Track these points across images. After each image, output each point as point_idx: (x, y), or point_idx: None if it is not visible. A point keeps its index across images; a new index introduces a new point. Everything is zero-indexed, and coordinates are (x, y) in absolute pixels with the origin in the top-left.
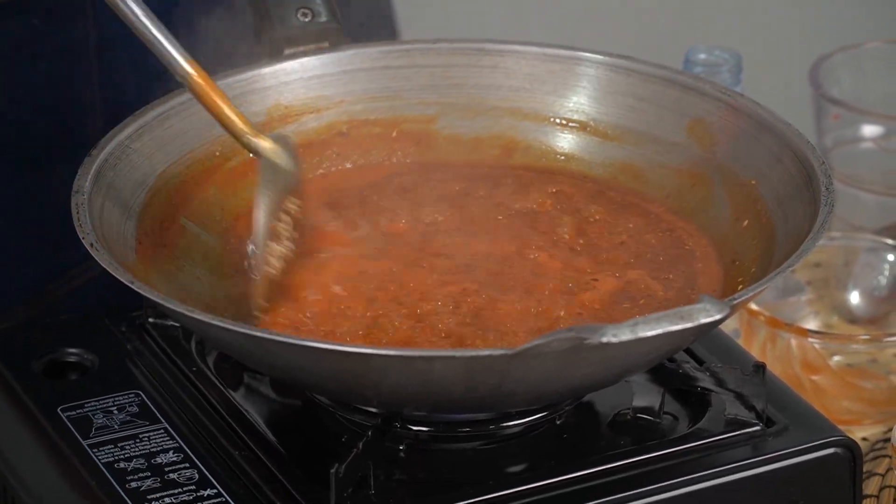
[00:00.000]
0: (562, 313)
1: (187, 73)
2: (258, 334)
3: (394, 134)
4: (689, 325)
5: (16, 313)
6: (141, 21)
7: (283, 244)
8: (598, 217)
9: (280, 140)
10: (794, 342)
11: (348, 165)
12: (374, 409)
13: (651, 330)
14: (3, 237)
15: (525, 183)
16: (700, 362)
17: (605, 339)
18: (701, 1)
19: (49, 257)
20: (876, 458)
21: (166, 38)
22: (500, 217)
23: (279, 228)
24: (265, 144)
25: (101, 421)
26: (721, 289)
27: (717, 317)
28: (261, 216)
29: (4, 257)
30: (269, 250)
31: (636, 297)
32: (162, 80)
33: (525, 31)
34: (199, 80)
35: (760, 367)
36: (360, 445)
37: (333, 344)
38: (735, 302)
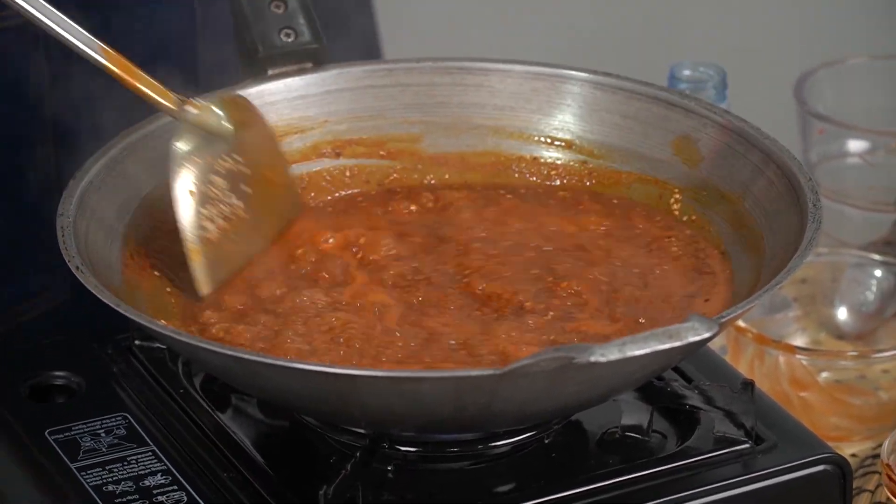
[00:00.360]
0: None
1: (99, 61)
2: (244, 356)
3: (381, 153)
4: (677, 343)
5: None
6: (49, 20)
7: (218, 207)
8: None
9: (216, 100)
10: (782, 359)
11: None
12: (362, 430)
13: (639, 349)
14: None
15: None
16: (688, 380)
17: (593, 359)
18: (685, 17)
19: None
20: (865, 474)
21: (74, 31)
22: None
23: (210, 192)
24: (190, 111)
25: (88, 444)
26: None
27: (706, 335)
28: (177, 185)
29: None
30: (203, 215)
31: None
32: (118, 111)
33: (508, 49)
34: (112, 63)
35: (749, 385)
36: (349, 467)
37: (321, 366)
38: (723, 320)
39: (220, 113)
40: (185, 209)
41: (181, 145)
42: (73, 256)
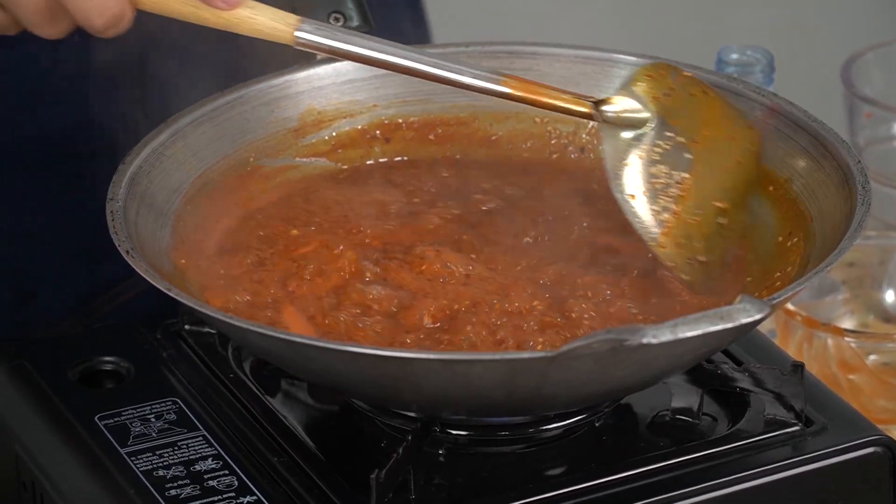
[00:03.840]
0: (612, 310)
1: (504, 92)
2: (297, 339)
3: (430, 137)
4: (729, 325)
5: (61, 328)
6: (435, 62)
7: (667, 192)
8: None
9: (632, 83)
10: (830, 342)
11: None
12: (413, 414)
13: (691, 331)
14: (49, 252)
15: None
16: (738, 363)
17: (644, 341)
18: (733, 0)
19: (95, 272)
20: None
21: (474, 72)
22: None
23: (655, 185)
24: (610, 110)
25: (138, 429)
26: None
27: (757, 317)
28: (622, 196)
29: (50, 272)
30: (655, 211)
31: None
32: (202, 92)
33: (557, 33)
34: (517, 90)
35: (799, 367)
36: (401, 450)
37: (372, 348)
38: (775, 301)
39: (638, 97)
40: (639, 217)
41: (611, 152)
42: (122, 241)
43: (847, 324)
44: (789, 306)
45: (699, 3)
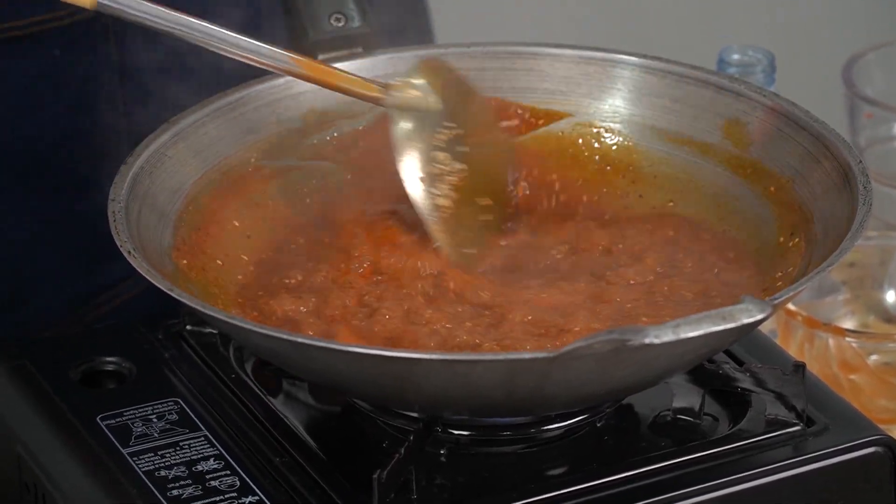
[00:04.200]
0: (607, 310)
1: (294, 70)
2: (299, 340)
3: None
4: (731, 325)
5: (61, 328)
6: (231, 38)
7: (446, 180)
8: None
9: (414, 72)
10: (831, 342)
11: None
12: (415, 414)
13: (693, 331)
14: (49, 252)
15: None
16: (740, 363)
17: (647, 341)
18: (734, 1)
19: (95, 272)
20: None
21: (268, 50)
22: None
23: (436, 170)
24: (397, 95)
25: (140, 429)
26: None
27: (759, 317)
28: (407, 175)
29: (50, 272)
30: (435, 195)
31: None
32: (203, 92)
33: (558, 34)
34: (308, 70)
35: (800, 367)
36: (402, 450)
37: (374, 348)
38: (777, 301)
39: (423, 84)
40: (421, 197)
41: (400, 134)
42: (124, 241)
43: (848, 324)
44: (790, 306)
45: (700, 3)
